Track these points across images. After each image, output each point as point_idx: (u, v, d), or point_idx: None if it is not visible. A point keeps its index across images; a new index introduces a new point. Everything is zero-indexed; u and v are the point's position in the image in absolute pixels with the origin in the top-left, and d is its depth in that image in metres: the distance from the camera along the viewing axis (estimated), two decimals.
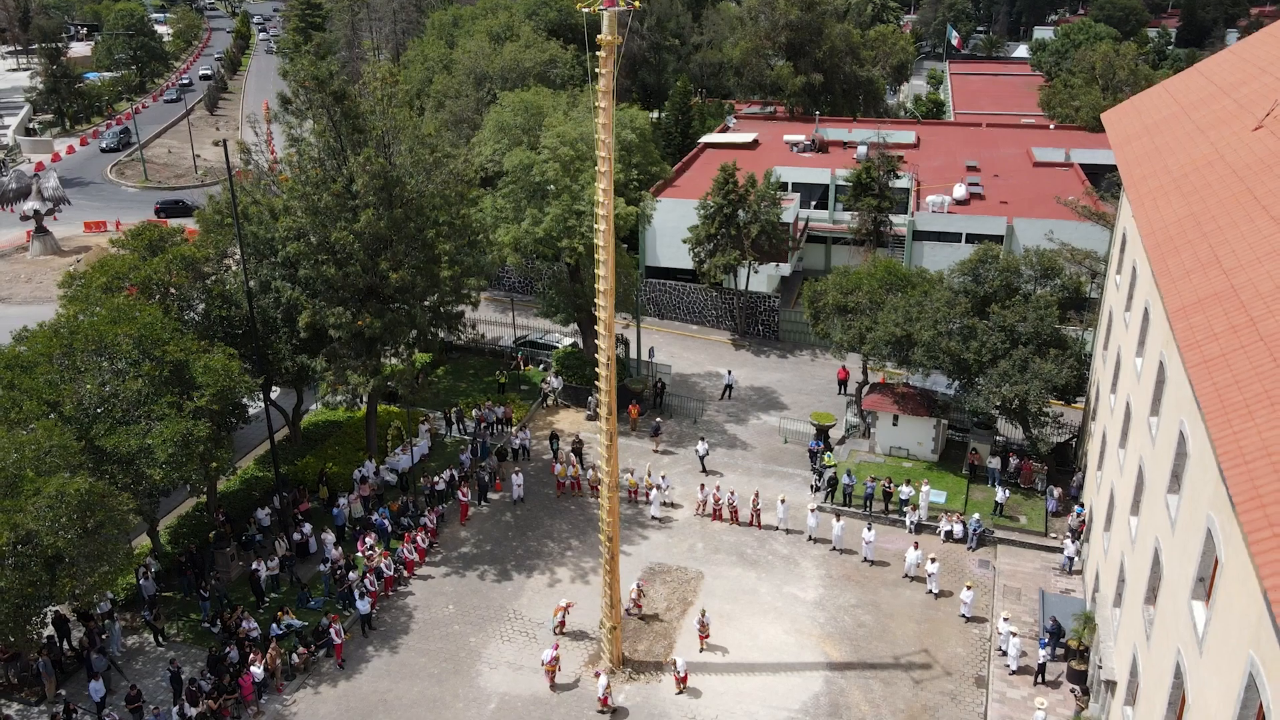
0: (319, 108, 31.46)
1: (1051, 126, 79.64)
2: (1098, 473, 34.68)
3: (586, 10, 24.47)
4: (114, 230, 73.31)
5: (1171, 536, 21.08)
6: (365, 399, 36.28)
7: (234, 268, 35.79)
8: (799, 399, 49.34)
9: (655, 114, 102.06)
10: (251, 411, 34.76)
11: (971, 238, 55.84)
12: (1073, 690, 29.15)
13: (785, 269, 58.54)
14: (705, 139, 74.29)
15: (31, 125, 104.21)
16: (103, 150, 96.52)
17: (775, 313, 55.80)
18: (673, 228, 57.42)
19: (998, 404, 37.96)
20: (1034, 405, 37.42)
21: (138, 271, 31.70)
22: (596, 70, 25.04)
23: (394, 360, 37.09)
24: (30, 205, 65.78)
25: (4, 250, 68.49)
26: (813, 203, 66.61)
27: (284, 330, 34.36)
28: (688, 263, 56.17)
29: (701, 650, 31.69)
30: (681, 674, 29.89)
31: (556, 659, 30.18)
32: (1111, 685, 26.46)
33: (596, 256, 26.87)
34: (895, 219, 58.99)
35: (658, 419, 45.13)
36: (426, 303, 34.67)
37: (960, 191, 59.26)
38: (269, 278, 33.75)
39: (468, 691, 30.16)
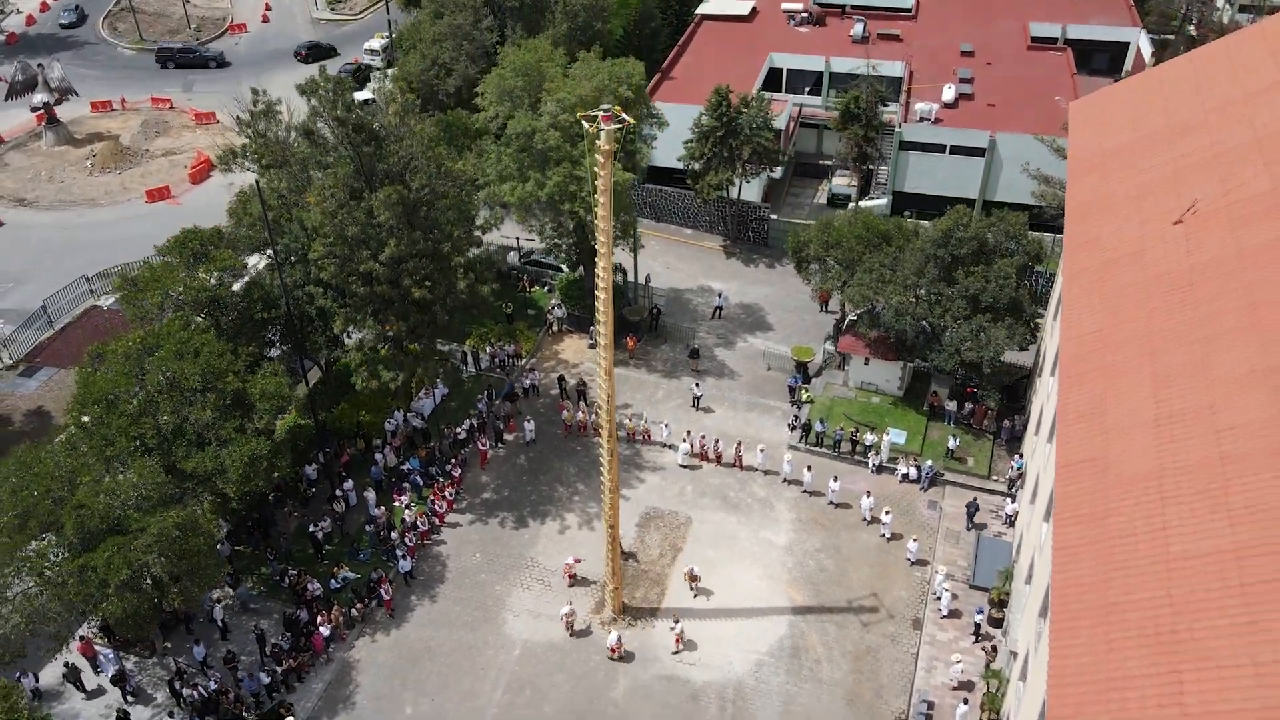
0: (343, 141, 34.08)
1: None
2: (1034, 436, 39.88)
3: (588, 126, 27.23)
4: (120, 109, 74.73)
5: None
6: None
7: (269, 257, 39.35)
8: (785, 318, 53.79)
9: None
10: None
11: (955, 149, 58.15)
12: (983, 648, 35.83)
13: (776, 172, 61.10)
14: (702, 10, 73.76)
15: None
16: (63, 26, 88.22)
17: (765, 222, 58.99)
18: (670, 130, 59.25)
19: (955, 364, 42.69)
20: (987, 368, 42.19)
21: (188, 290, 35.41)
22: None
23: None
24: (39, 98, 67.03)
25: (16, 137, 70.20)
26: (806, 89, 67.84)
27: (318, 323, 38.58)
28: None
29: (695, 596, 38.23)
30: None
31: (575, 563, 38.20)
32: (1014, 654, 32.98)
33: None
34: (888, 106, 60.92)
35: (695, 346, 50.11)
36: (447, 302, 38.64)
37: (949, 94, 60.69)
38: (303, 280, 37.58)
39: (496, 639, 36.96)
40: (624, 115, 27.39)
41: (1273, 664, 16.32)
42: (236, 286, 37.56)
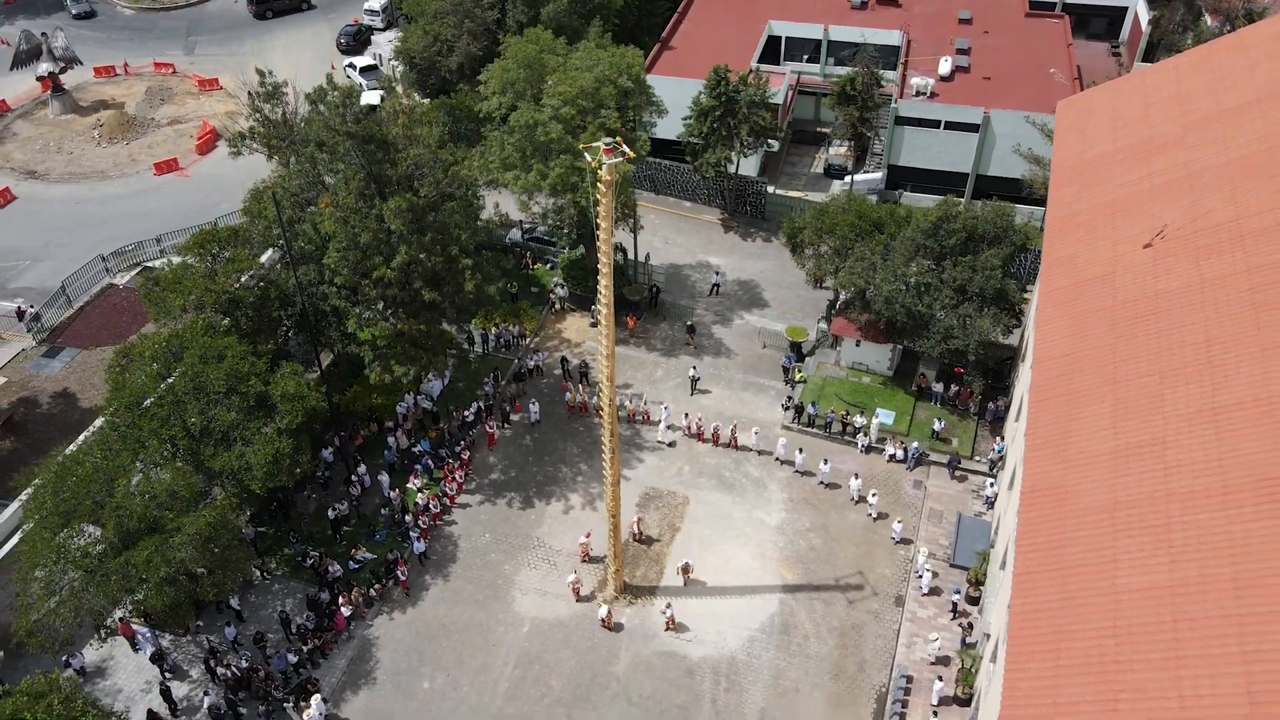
0: (351, 152, 35.42)
1: None
2: (1014, 423, 41.96)
3: (589, 159, 28.70)
4: (123, 74, 75.20)
5: None
6: None
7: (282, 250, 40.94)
8: (780, 294, 55.48)
9: None
10: None
11: (950, 125, 59.12)
12: (960, 625, 38.40)
13: (774, 145, 62.10)
14: None
15: None
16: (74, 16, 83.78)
17: (763, 196, 60.25)
18: (671, 103, 60.07)
19: (942, 350, 44.59)
20: (971, 356, 44.10)
21: (209, 293, 37.09)
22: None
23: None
24: (44, 67, 67.56)
25: (22, 105, 70.90)
26: (805, 56, 68.33)
27: (332, 319, 40.39)
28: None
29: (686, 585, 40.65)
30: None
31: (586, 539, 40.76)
32: (987, 635, 35.53)
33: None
34: (885, 74, 61.65)
35: (691, 322, 52.08)
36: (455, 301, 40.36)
37: (945, 67, 61.38)
38: (316, 279, 39.27)
39: (506, 616, 39.54)
40: (625, 148, 28.82)
41: (1194, 697, 18.59)
42: (246, 278, 39.04)
